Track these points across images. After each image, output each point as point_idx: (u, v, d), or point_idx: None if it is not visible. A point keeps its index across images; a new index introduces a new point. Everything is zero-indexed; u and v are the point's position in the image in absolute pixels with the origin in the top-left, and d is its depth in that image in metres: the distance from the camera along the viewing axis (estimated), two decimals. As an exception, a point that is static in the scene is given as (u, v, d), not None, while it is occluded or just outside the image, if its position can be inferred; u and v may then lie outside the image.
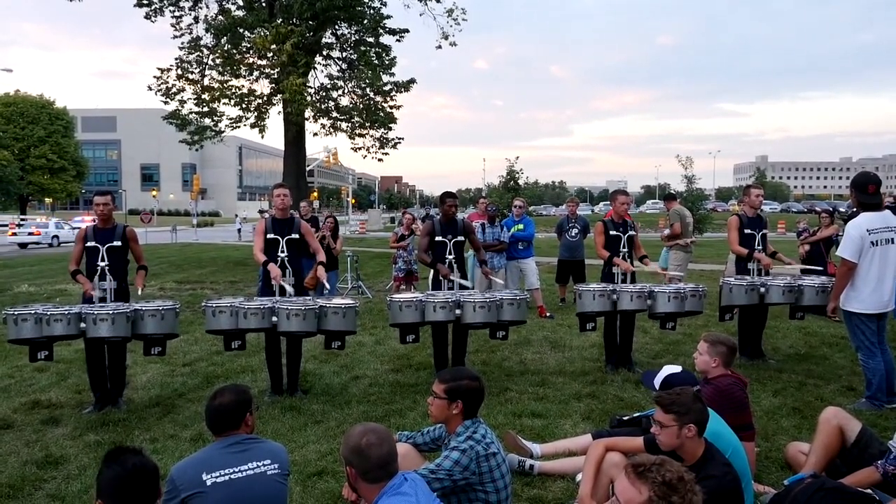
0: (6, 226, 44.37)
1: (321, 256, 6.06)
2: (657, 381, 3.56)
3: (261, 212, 13.45)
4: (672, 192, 11.42)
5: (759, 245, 6.80)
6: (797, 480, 3.24)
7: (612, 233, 6.68)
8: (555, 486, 3.93)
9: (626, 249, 6.65)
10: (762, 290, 6.45)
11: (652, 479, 1.96)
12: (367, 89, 19.63)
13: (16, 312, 5.23)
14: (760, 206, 6.99)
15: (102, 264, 5.62)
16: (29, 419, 5.33)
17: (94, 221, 5.80)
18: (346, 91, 20.17)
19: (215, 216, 76.96)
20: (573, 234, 10.59)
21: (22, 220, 48.72)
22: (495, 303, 5.86)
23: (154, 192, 56.18)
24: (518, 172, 25.12)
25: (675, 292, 6.21)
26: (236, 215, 49.21)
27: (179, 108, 19.48)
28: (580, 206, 15.19)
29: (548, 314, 9.57)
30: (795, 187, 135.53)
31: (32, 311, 5.23)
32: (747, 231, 6.82)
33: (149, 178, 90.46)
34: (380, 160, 21.40)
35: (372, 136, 20.44)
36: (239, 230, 36.46)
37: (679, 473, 2.00)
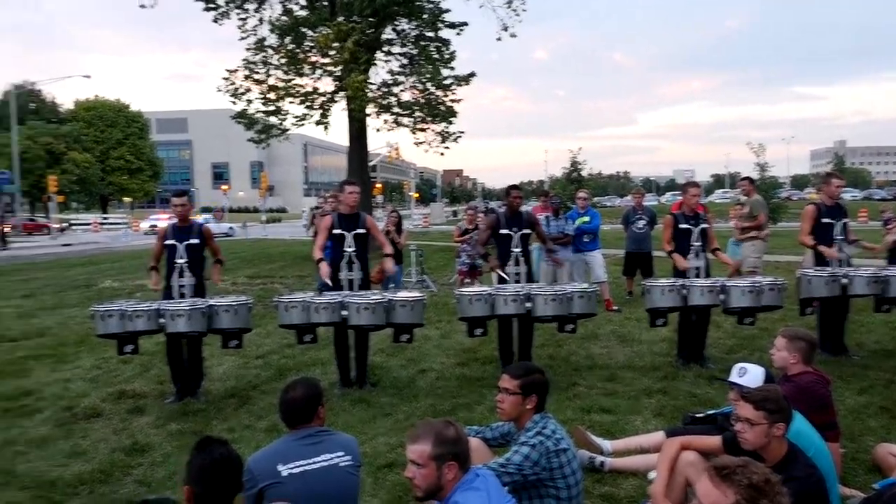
0: (90, 224, 46.92)
1: (388, 249, 6.15)
2: (755, 380, 3.32)
3: (314, 209, 13.58)
4: (751, 177, 10.76)
5: (839, 234, 6.48)
6: (889, 485, 3.07)
7: (683, 226, 6.48)
8: (626, 483, 3.87)
9: (698, 243, 6.44)
10: (844, 280, 6.15)
11: (738, 482, 1.89)
12: (428, 84, 19.70)
13: (102, 309, 5.52)
14: (839, 196, 6.67)
15: (181, 261, 5.87)
16: (116, 408, 5.62)
17: (174, 219, 6.07)
18: (407, 86, 20.31)
19: (282, 212, 78.96)
20: (640, 226, 10.34)
21: (104, 218, 51.41)
22: (566, 295, 5.81)
23: (224, 188, 57.95)
24: (581, 163, 24.69)
25: (749, 286, 5.98)
26: (307, 210, 50.38)
27: (247, 107, 20.03)
28: (646, 196, 14.77)
29: (615, 308, 9.40)
30: (878, 173, 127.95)
31: (117, 308, 5.51)
32: (825, 220, 6.50)
33: (219, 176, 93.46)
34: (441, 154, 21.54)
35: (433, 130, 20.50)
36: (306, 225, 37.27)
37: (765, 475, 1.92)
